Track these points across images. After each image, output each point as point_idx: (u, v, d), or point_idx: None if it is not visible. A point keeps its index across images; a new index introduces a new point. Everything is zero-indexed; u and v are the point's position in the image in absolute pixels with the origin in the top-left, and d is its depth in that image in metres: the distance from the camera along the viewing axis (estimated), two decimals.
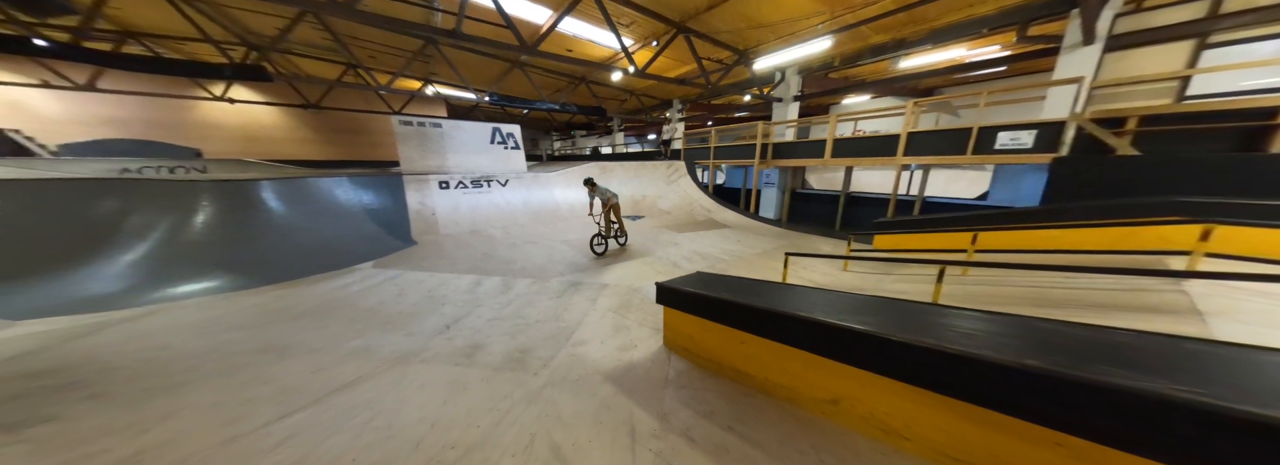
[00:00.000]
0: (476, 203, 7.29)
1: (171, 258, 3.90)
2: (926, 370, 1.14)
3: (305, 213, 5.10)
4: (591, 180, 5.10)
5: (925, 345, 1.11)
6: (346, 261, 4.53)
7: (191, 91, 10.75)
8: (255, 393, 1.74)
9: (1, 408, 1.61)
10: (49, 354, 2.20)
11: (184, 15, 6.07)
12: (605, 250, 5.07)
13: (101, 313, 3.05)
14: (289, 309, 3.06)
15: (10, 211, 4.03)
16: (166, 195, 4.39)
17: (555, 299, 3.37)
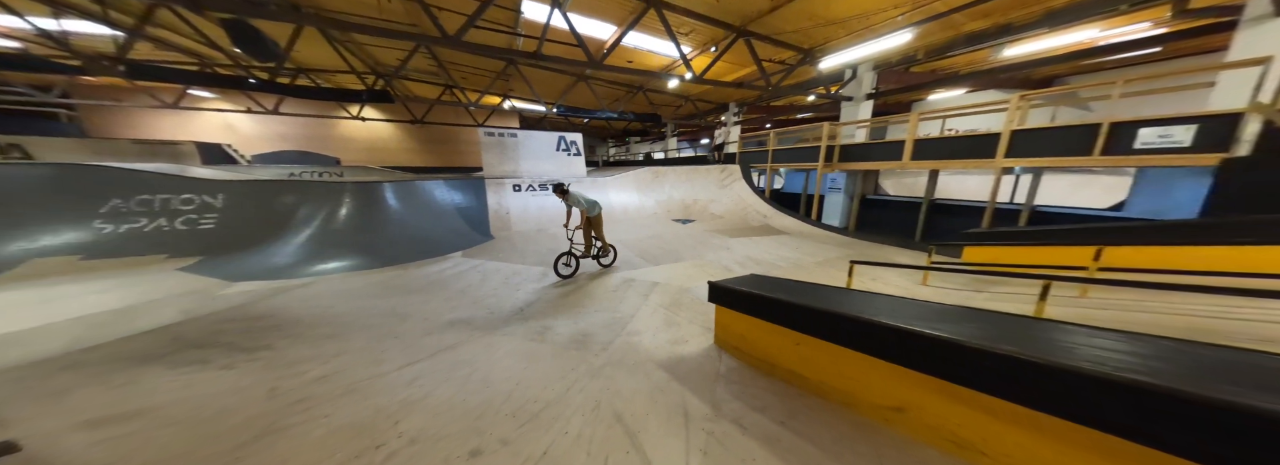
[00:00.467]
0: (543, 204, 8.03)
1: (324, 241, 5.02)
2: (1037, 387, 1.03)
3: (413, 209, 6.15)
4: (563, 186, 4.13)
5: (1036, 360, 1.01)
6: (442, 250, 5.36)
7: (336, 112, 13.65)
8: (388, 345, 2.25)
9: (239, 337, 2.34)
10: (257, 306, 3.05)
11: (339, 53, 7.82)
12: (574, 272, 4.11)
13: (281, 280, 4.08)
14: (403, 286, 3.76)
15: (229, 204, 5.60)
16: (322, 194, 5.68)
17: (611, 293, 3.62)
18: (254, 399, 1.58)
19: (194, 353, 2.08)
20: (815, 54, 7.41)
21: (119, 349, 2.19)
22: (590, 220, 4.32)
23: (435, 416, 1.48)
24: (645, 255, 5.27)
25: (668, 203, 9.49)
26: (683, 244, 6.08)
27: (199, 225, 5.34)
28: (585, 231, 4.36)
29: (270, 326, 2.50)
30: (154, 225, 5.17)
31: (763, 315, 1.95)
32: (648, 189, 9.73)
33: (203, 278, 4.08)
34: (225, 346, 2.15)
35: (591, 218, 4.31)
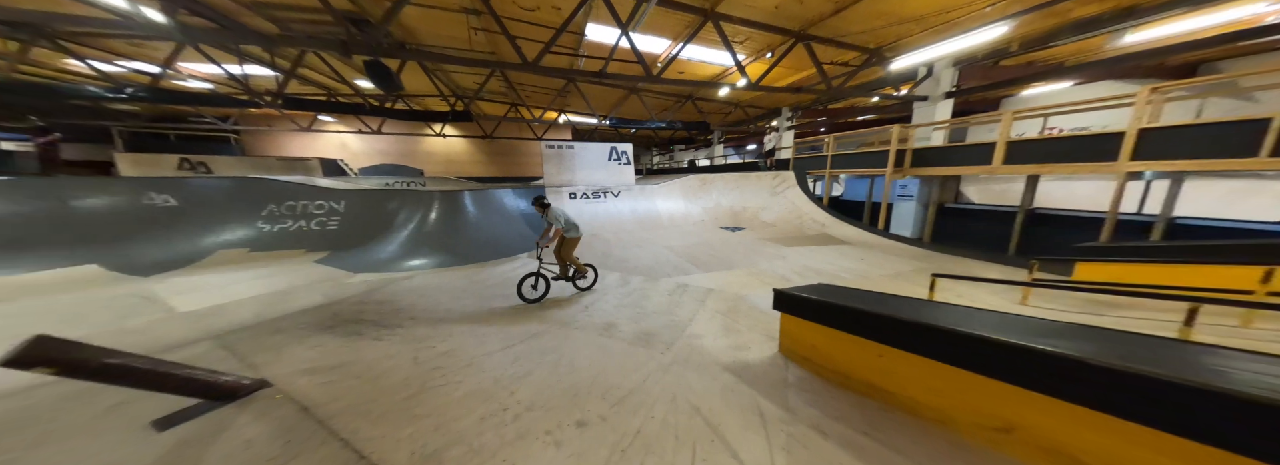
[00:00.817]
0: (595, 210, 8.47)
1: (418, 241, 5.84)
2: (1191, 414, 0.92)
3: (487, 214, 6.88)
4: (542, 199, 3.84)
5: (1194, 384, 0.89)
6: (511, 252, 5.91)
7: (422, 131, 15.82)
8: (486, 330, 2.61)
9: (377, 317, 2.89)
10: (378, 293, 3.67)
11: (432, 81, 9.14)
12: (542, 296, 3.59)
13: (388, 273, 4.82)
14: (483, 281, 4.24)
15: (348, 209, 6.77)
16: (417, 200, 6.62)
17: (667, 296, 3.73)
18: (403, 364, 1.98)
19: (350, 326, 2.62)
20: (883, 54, 6.98)
21: (298, 320, 2.82)
22: (563, 241, 3.88)
23: (540, 391, 1.71)
24: (696, 262, 5.31)
25: (715, 210, 9.41)
26: (734, 252, 6.00)
27: (327, 226, 6.53)
28: (560, 255, 3.90)
29: (394, 310, 3.02)
30: (296, 226, 6.42)
31: (838, 325, 1.91)
32: (695, 196, 9.76)
33: (333, 269, 4.98)
34: (370, 323, 2.67)
35: (566, 238, 3.88)
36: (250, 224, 6.23)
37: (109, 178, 7.10)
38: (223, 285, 4.31)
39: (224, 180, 6.67)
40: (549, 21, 5.89)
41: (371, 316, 2.83)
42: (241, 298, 3.78)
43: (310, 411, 1.45)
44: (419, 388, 1.71)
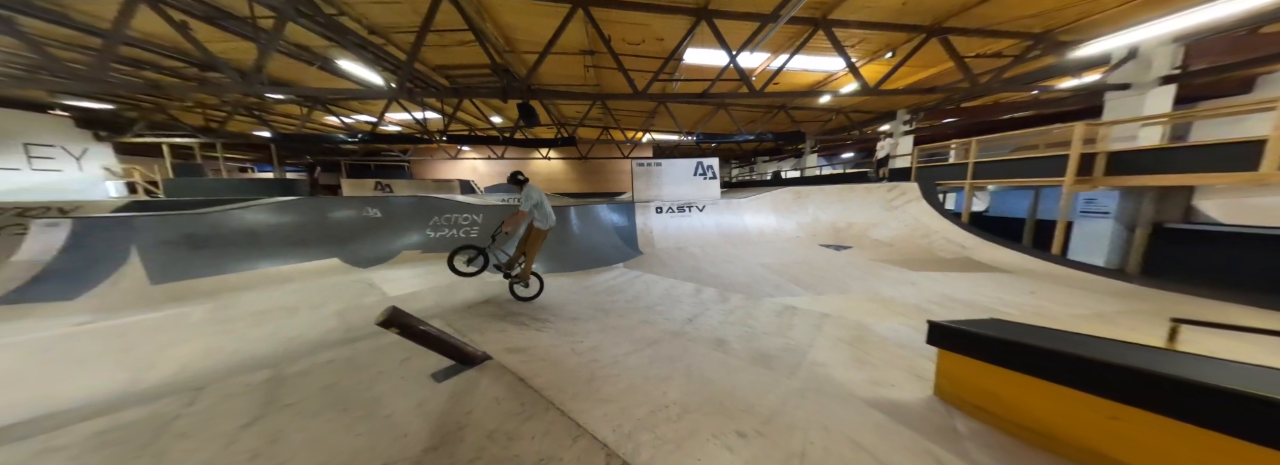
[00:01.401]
0: (681, 225, 8.62)
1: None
2: None
3: (587, 227, 7.63)
4: (519, 176, 3.53)
5: None
6: (608, 262, 6.40)
7: (531, 154, 18.63)
8: (614, 332, 2.92)
9: (526, 311, 3.48)
10: (509, 295, 4.41)
11: (547, 112, 10.79)
12: (477, 272, 3.41)
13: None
14: (591, 288, 4.68)
15: (484, 220, 8.31)
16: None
17: (774, 318, 3.54)
18: (566, 354, 2.35)
19: (515, 317, 3.21)
20: (1055, 38, 5.66)
21: (477, 310, 3.58)
22: (532, 232, 3.48)
23: (686, 395, 1.82)
24: (799, 282, 4.93)
25: (813, 226, 8.64)
26: (844, 274, 5.39)
27: (470, 234, 8.10)
28: (521, 243, 3.50)
29: (536, 306, 3.59)
30: (451, 233, 8.12)
31: (1039, 372, 1.56)
32: (787, 211, 9.14)
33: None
34: (525, 316, 3.24)
35: (536, 229, 3.48)
36: (422, 232, 8.11)
37: (342, 197, 10.09)
38: (409, 277, 5.69)
39: (408, 198, 8.87)
40: (651, 52, 6.43)
41: (522, 310, 3.40)
42: (423, 288, 4.92)
43: (526, 382, 1.82)
44: (589, 375, 1.99)
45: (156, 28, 4.96)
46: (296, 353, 2.77)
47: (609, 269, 5.93)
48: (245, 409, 1.69)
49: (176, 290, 5.17)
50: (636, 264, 6.33)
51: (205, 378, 2.31)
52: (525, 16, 5.31)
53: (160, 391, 2.20)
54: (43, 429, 1.53)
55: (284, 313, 4.10)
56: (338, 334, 3.28)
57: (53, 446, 1.34)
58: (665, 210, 8.79)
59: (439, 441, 1.38)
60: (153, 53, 6.14)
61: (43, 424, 1.67)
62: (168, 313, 4.26)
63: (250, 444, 1.44)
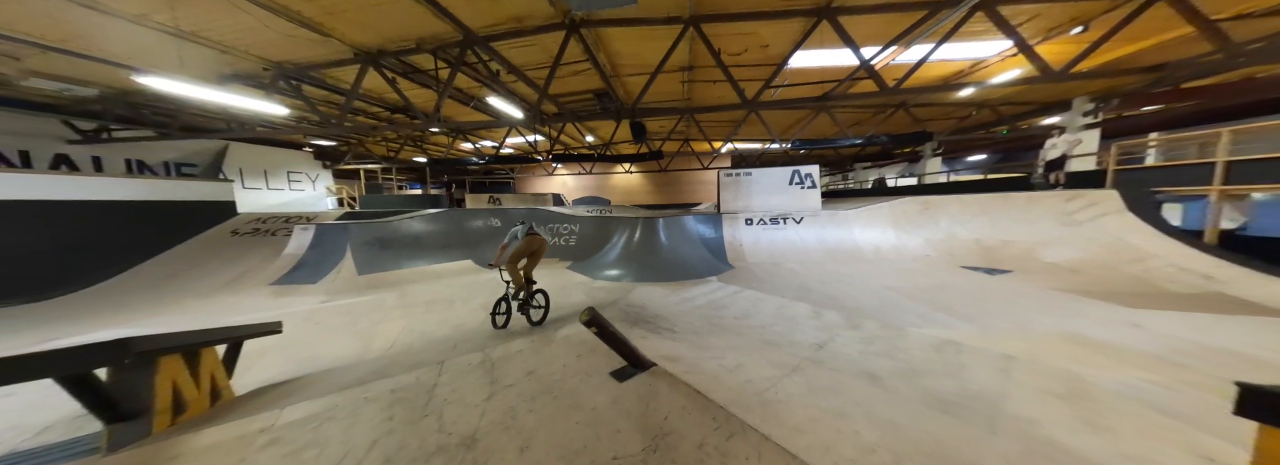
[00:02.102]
0: (774, 238, 8.04)
1: (627, 258, 7.08)
2: None
3: (675, 238, 7.68)
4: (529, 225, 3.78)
5: None
6: (700, 274, 6.29)
7: (612, 169, 19.91)
8: (746, 351, 2.79)
9: (649, 318, 3.61)
10: (625, 299, 4.61)
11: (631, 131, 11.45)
12: (505, 324, 3.57)
13: (614, 281, 6.01)
14: (690, 300, 4.62)
15: (581, 230, 9.05)
16: (626, 225, 8.15)
17: (933, 353, 2.95)
18: (719, 370, 2.26)
19: (646, 324, 3.37)
20: None
21: (608, 314, 3.89)
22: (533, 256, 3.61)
23: (884, 438, 1.58)
24: (950, 312, 4.07)
25: (948, 243, 7.17)
26: (1013, 305, 4.29)
27: (569, 242, 8.91)
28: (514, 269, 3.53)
29: (654, 314, 3.71)
30: (556, 241, 9.06)
31: None
32: (911, 225, 7.79)
33: (580, 275, 6.68)
34: (650, 323, 3.38)
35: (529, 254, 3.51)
36: None
37: (471, 209, 12.09)
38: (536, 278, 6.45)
39: (521, 210, 10.22)
40: (753, 60, 6.30)
41: (644, 317, 3.53)
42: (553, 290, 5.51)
43: (706, 396, 1.72)
44: (760, 398, 1.88)
45: (372, 84, 6.79)
46: (470, 337, 3.33)
47: (702, 282, 5.80)
48: (480, 385, 2.03)
49: (372, 280, 6.80)
50: (730, 278, 6.06)
51: (417, 352, 2.90)
52: (633, 43, 5.75)
53: (393, 359, 2.82)
54: (344, 383, 2.12)
55: (445, 303, 4.99)
56: (490, 327, 3.82)
57: (369, 397, 1.82)
58: (756, 222, 8.34)
59: (653, 443, 1.43)
60: (365, 102, 8.43)
61: (338, 376, 2.31)
62: (371, 297, 5.59)
63: (496, 417, 1.71)
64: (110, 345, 1.27)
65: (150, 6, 4.09)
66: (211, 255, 7.90)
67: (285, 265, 7.37)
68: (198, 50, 5.18)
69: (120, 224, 7.37)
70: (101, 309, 5.64)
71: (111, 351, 1.27)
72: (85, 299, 6.17)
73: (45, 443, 1.70)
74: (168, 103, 7.52)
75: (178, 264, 7.55)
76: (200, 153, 10.35)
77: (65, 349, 1.28)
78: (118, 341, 1.29)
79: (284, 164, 12.53)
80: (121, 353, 1.29)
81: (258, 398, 2.06)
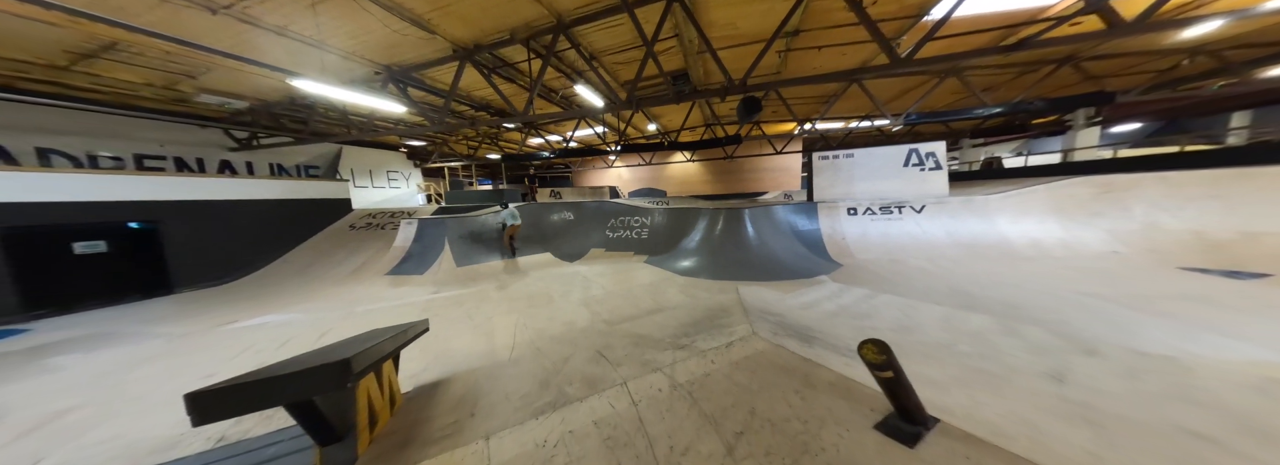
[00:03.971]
0: (888, 231, 6.89)
1: (711, 253, 6.52)
2: None
3: (764, 231, 6.93)
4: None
5: None
6: (805, 273, 5.52)
7: (669, 158, 19.27)
8: (973, 388, 2.16)
9: (795, 330, 3.11)
10: (743, 305, 4.11)
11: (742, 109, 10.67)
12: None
13: (702, 278, 5.51)
14: (815, 307, 3.95)
15: (653, 223, 8.67)
16: (703, 217, 7.58)
17: (1253, 397, 2.01)
18: (962, 401, 1.77)
19: (794, 336, 2.89)
20: None
21: (721, 318, 3.48)
22: None
23: None
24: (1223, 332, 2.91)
25: (1148, 236, 5.48)
26: None
27: (641, 236, 8.60)
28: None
29: (797, 326, 3.18)
30: (626, 234, 8.82)
31: None
32: (1083, 213, 6.13)
33: (659, 269, 6.33)
34: (803, 337, 2.88)
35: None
36: (603, 232, 9.08)
37: (546, 203, 12.38)
38: (608, 273, 6.24)
39: (593, 204, 10.13)
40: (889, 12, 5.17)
41: (788, 326, 3.03)
42: (632, 286, 5.23)
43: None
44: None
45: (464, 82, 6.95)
46: (588, 337, 3.10)
47: (814, 283, 5.05)
48: (695, 424, 1.66)
49: (469, 272, 7.13)
50: (846, 278, 5.23)
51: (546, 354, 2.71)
52: (734, 7, 5.02)
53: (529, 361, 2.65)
54: (514, 397, 1.95)
55: (545, 299, 4.91)
56: (601, 325, 3.58)
57: (573, 430, 1.57)
58: (862, 212, 7.23)
59: None
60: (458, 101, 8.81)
61: (489, 382, 2.17)
62: (474, 289, 5.79)
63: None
64: (335, 367, 1.13)
65: (293, 16, 4.39)
66: (336, 247, 8.96)
67: (396, 257, 8.07)
68: (326, 57, 5.62)
69: (269, 219, 8.63)
70: (262, 294, 6.59)
71: (338, 374, 1.16)
72: (247, 285, 7.31)
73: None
74: (300, 111, 8.53)
75: (311, 255, 8.69)
76: (322, 156, 11.86)
77: (292, 374, 1.21)
78: (341, 363, 1.14)
79: (384, 164, 13.96)
80: (345, 375, 1.14)
81: (429, 403, 1.95)
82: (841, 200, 7.62)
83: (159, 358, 3.70)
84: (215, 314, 5.35)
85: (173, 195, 7.25)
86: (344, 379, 1.13)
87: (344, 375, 1.11)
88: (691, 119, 11.66)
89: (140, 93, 7.15)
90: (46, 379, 3.24)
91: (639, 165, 18.08)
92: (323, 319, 4.83)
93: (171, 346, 4.04)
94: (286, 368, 1.18)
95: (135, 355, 3.81)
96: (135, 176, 6.89)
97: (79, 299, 5.91)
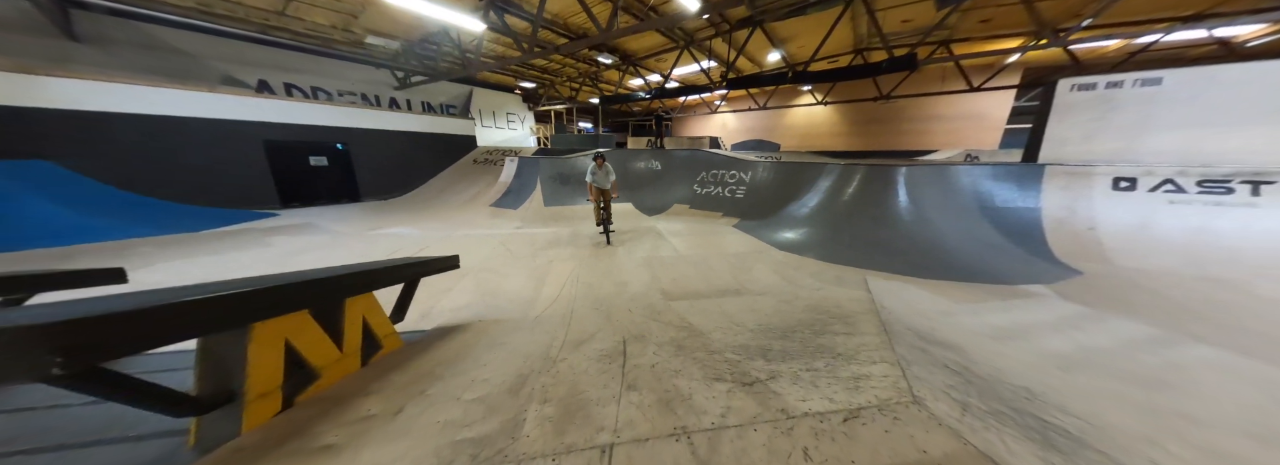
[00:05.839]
0: (1203, 223, 3.79)
1: (835, 227, 4.79)
2: None
3: (929, 202, 4.68)
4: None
5: None
6: (992, 275, 3.46)
7: (791, 101, 15.51)
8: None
9: (1014, 407, 1.79)
10: (890, 321, 2.76)
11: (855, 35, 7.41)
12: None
13: (809, 258, 4.07)
14: (1026, 337, 2.27)
15: (753, 180, 7.02)
16: (826, 176, 5.58)
17: None
18: None
19: (1009, 421, 1.63)
20: None
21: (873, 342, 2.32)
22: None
23: None
24: None
25: None
26: None
27: (736, 194, 7.11)
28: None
29: (1009, 392, 1.78)
30: (716, 191, 7.45)
31: None
32: None
33: (751, 237, 5.02)
34: (1034, 428, 1.57)
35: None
36: (690, 187, 7.91)
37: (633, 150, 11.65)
38: (685, 233, 5.29)
39: (684, 152, 8.87)
40: None
41: (985, 387, 1.67)
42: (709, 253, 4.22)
43: None
44: None
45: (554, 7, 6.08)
46: (637, 305, 2.42)
47: (1017, 294, 3.09)
48: None
49: (555, 212, 7.24)
50: (1091, 296, 3.03)
51: (579, 318, 2.14)
52: None
53: (556, 322, 2.13)
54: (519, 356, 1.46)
55: (608, 252, 4.40)
56: (656, 296, 2.83)
57: None
58: (1153, 187, 4.12)
59: None
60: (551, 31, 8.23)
61: (508, 337, 1.73)
62: (551, 230, 5.75)
63: None
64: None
65: None
66: (460, 178, 10.35)
67: (500, 191, 8.84)
68: None
69: (419, 148, 10.35)
70: (405, 210, 8.10)
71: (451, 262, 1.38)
72: (402, 202, 9.11)
73: None
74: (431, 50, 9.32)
75: (445, 182, 10.29)
76: (457, 97, 13.42)
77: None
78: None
79: (504, 106, 15.18)
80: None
81: (413, 359, 1.57)
82: (1104, 162, 4.48)
83: (323, 248, 4.74)
84: (371, 221, 6.76)
85: (360, 124, 9.14)
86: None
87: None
88: (835, 41, 8.38)
89: (333, 36, 8.69)
90: (259, 251, 4.47)
91: (749, 110, 15.04)
92: (429, 236, 5.51)
93: (334, 241, 5.16)
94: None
95: (312, 243, 4.98)
96: (332, 107, 8.81)
97: (311, 198, 8.29)
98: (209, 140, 6.74)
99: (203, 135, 6.69)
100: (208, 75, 7.74)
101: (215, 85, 7.42)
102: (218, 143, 6.83)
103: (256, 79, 8.57)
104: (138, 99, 6.00)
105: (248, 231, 5.46)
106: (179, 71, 7.28)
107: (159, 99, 6.22)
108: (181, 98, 6.49)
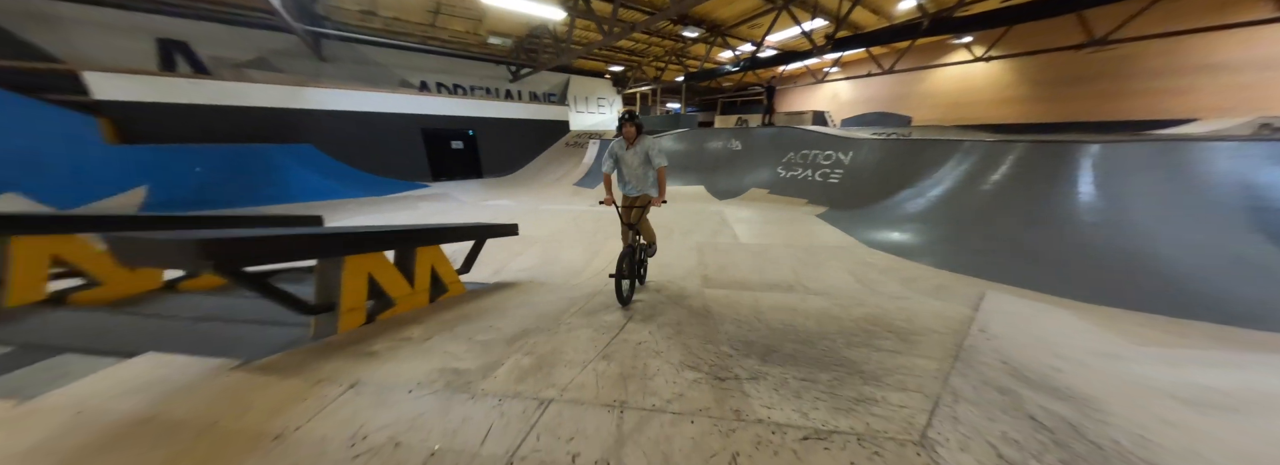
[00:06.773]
0: None
1: (959, 220, 3.74)
2: None
3: (1140, 199, 3.20)
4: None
5: None
6: (1246, 316, 2.24)
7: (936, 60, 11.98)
8: None
9: None
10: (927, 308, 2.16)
11: None
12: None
13: (925, 264, 3.29)
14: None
15: (854, 161, 5.86)
16: (952, 152, 4.31)
17: None
18: None
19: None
20: None
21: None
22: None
23: None
24: None
25: None
26: None
27: (829, 179, 6.10)
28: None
29: None
30: (803, 175, 6.54)
31: None
32: None
33: (838, 231, 4.32)
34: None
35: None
36: (773, 169, 7.12)
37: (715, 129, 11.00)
38: (757, 222, 4.86)
39: (769, 130, 7.99)
40: None
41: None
42: (775, 241, 3.83)
43: None
44: None
45: None
46: (670, 287, 2.44)
47: (1268, 343, 1.92)
48: None
49: None
50: None
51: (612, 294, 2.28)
52: None
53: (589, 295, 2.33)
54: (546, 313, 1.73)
55: (663, 233, 4.42)
56: (694, 282, 2.77)
57: None
58: None
59: None
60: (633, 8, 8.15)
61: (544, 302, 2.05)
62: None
63: None
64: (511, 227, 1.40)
65: None
66: (553, 159, 11.59)
67: (582, 172, 9.64)
68: None
69: (525, 133, 11.92)
70: (510, 185, 9.62)
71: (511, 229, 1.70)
72: (510, 179, 10.77)
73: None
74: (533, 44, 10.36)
75: (543, 162, 11.70)
76: (557, 85, 14.76)
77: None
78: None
79: (595, 91, 16.05)
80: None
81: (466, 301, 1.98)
82: None
83: (449, 213, 6.10)
84: (485, 193, 8.28)
85: (481, 113, 11.01)
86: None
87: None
88: None
89: (468, 40, 10.47)
90: (408, 214, 6.02)
91: (869, 76, 12.22)
92: (520, 207, 6.48)
93: (458, 208, 6.57)
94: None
95: (443, 209, 6.44)
96: (465, 100, 10.78)
97: (451, 174, 10.53)
98: (391, 129, 9.16)
99: (388, 125, 9.11)
100: (391, 80, 10.38)
101: (395, 87, 9.96)
102: (396, 131, 9.23)
103: (419, 80, 11.10)
104: (355, 100, 8.52)
105: (407, 197, 7.41)
106: (375, 78, 9.98)
107: (365, 100, 8.69)
108: (377, 98, 8.93)
